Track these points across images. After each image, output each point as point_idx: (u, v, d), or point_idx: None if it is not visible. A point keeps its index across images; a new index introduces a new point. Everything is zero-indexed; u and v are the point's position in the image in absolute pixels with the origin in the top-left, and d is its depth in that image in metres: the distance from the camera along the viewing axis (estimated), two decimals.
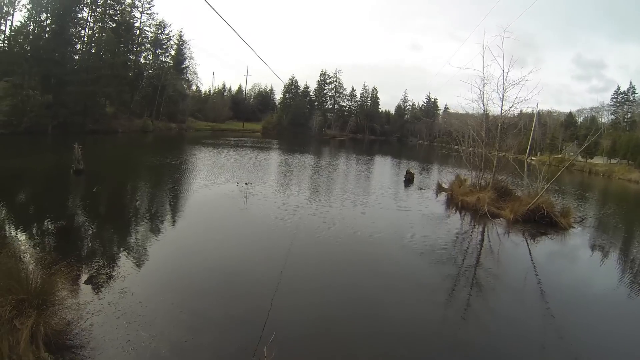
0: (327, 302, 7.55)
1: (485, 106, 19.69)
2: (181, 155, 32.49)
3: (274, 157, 36.90)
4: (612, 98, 78.96)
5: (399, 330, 6.76)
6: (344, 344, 6.18)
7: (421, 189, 23.78)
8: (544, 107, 78.94)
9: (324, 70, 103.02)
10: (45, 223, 11.25)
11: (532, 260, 11.74)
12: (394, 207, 17.12)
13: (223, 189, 17.68)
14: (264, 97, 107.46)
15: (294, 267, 9.09)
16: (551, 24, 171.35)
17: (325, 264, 9.80)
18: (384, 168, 38.27)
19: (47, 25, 40.02)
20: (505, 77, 18.26)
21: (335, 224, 13.42)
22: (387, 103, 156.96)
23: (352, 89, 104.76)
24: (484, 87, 19.36)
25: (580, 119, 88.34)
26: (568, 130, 76.53)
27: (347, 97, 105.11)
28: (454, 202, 19.21)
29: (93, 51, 46.83)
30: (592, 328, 7.63)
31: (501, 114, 19.05)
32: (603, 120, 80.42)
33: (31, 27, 39.44)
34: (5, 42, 39.78)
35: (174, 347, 5.60)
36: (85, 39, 46.47)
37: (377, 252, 11.08)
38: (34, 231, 10.55)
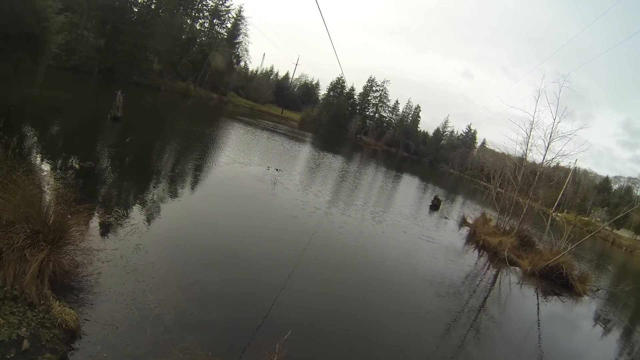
0: (329, 312, 7.44)
1: (527, 150, 19.19)
2: (217, 126, 32.73)
3: (305, 151, 36.38)
4: None
5: (390, 355, 6.63)
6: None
7: (445, 217, 23.41)
8: (582, 165, 76.50)
9: (372, 77, 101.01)
10: (73, 160, 11.36)
11: (538, 318, 11.35)
12: (415, 233, 16.57)
13: (247, 170, 17.52)
14: (309, 89, 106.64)
15: (307, 269, 9.04)
16: (605, 83, 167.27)
17: (335, 274, 9.61)
18: (411, 189, 37.33)
19: None
20: (554, 126, 17.72)
21: (353, 236, 13.12)
22: (427, 124, 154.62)
23: (396, 102, 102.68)
24: (531, 131, 18.84)
25: (615, 186, 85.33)
26: (600, 195, 74.45)
27: (389, 109, 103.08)
28: (475, 239, 18.79)
29: (152, 7, 47.46)
30: None
31: (542, 162, 18.52)
32: (639, 194, 77.63)
33: None
34: None
35: (179, 317, 5.49)
36: None
37: (388, 274, 10.85)
38: (60, 165, 10.68)
